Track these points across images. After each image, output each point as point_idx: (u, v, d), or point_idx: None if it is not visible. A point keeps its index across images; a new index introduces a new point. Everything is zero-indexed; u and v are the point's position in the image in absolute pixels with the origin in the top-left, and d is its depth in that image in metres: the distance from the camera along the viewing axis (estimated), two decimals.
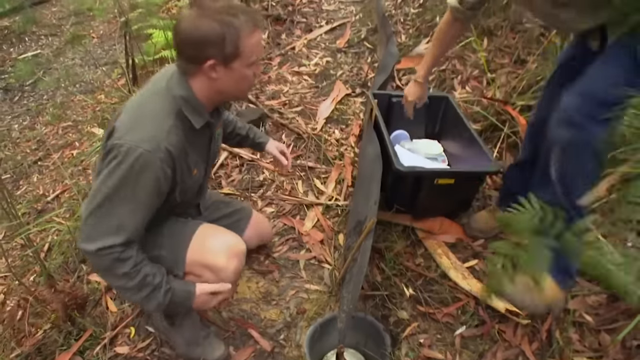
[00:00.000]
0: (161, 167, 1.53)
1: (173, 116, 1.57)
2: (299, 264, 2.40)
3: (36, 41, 6.72)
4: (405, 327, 2.10)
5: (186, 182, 1.72)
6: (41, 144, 4.89)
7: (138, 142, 1.49)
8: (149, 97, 1.62)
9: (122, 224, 1.54)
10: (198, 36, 1.48)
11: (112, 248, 1.53)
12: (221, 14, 1.48)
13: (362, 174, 2.48)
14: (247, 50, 1.54)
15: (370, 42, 4.05)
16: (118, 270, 1.56)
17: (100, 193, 1.53)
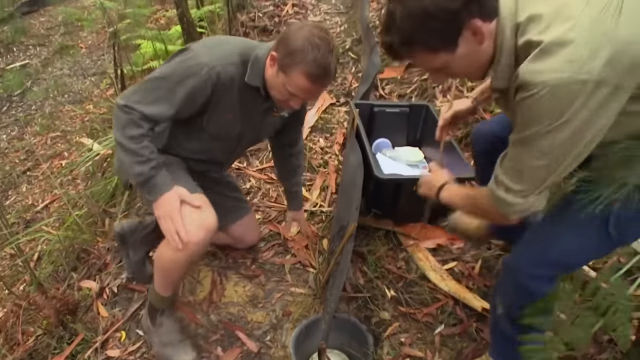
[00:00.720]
0: (205, 81, 1.76)
1: (241, 60, 1.83)
2: (284, 268, 2.48)
3: (24, 51, 6.76)
4: (387, 327, 2.18)
5: (218, 117, 1.92)
6: (30, 154, 4.93)
7: (201, 54, 1.76)
8: (234, 38, 1.95)
9: (154, 100, 1.76)
10: (286, 35, 1.74)
11: (134, 110, 1.74)
12: (312, 42, 1.67)
13: (345, 181, 2.57)
14: (292, 78, 1.73)
15: (354, 52, 4.15)
16: (129, 131, 1.75)
17: (155, 72, 1.82)
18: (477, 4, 1.16)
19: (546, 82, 1.07)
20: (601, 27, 1.07)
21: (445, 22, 1.17)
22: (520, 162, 1.22)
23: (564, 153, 1.15)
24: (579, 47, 1.06)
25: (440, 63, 1.27)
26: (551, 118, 1.10)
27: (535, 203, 1.29)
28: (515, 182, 1.26)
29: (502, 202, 1.32)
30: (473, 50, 1.23)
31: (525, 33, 1.16)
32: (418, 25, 1.19)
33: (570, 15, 1.10)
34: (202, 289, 2.39)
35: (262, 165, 3.12)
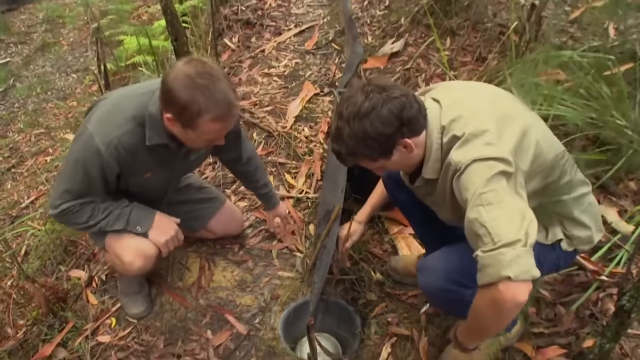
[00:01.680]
0: (107, 161, 1.76)
1: (136, 124, 1.77)
2: (271, 254, 2.51)
3: (5, 49, 6.68)
4: (374, 308, 2.22)
5: (136, 180, 1.92)
6: (14, 151, 4.88)
7: (95, 134, 1.74)
8: (130, 96, 1.83)
9: (79, 193, 1.84)
10: (169, 93, 1.63)
11: (69, 209, 1.84)
12: (196, 89, 1.59)
13: (330, 167, 2.60)
14: (202, 130, 1.68)
15: (337, 43, 4.18)
16: (81, 219, 1.87)
17: (63, 169, 1.86)
18: (407, 126, 1.45)
19: (472, 159, 1.35)
20: (499, 110, 1.47)
21: (381, 142, 1.46)
22: (488, 219, 1.28)
23: (508, 198, 1.31)
24: (491, 132, 1.38)
25: (379, 165, 1.56)
26: (481, 180, 1.32)
27: (530, 260, 1.26)
28: (502, 234, 1.26)
29: (507, 264, 1.24)
30: (405, 157, 1.52)
31: (449, 131, 1.45)
32: (360, 144, 1.46)
33: (481, 112, 1.45)
34: (190, 275, 2.41)
35: None
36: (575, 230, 1.65)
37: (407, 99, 1.44)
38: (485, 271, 1.27)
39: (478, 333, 1.57)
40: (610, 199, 2.42)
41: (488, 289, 1.28)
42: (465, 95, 1.56)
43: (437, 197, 1.61)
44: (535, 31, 3.20)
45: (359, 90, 1.46)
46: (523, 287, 1.24)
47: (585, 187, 1.68)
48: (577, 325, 2.00)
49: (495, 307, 1.30)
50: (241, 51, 4.33)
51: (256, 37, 4.46)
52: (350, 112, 1.44)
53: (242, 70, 4.03)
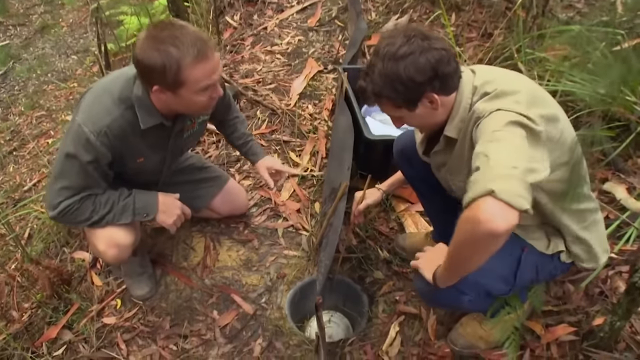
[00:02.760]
0: (100, 148, 1.71)
1: (124, 107, 1.73)
2: (277, 232, 2.48)
3: (4, 32, 6.62)
4: (381, 286, 2.20)
5: (128, 165, 1.88)
6: (15, 134, 4.86)
7: (84, 121, 1.69)
8: (113, 82, 1.77)
9: (81, 187, 1.78)
10: (143, 64, 1.58)
11: (69, 206, 1.79)
12: (164, 43, 1.54)
13: (335, 144, 2.56)
14: (190, 80, 1.60)
15: (340, 20, 4.11)
16: (83, 216, 1.83)
17: (56, 165, 1.80)
18: (440, 81, 1.42)
19: (498, 108, 1.33)
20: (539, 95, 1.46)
21: (409, 89, 1.42)
22: (493, 150, 1.23)
23: (523, 141, 1.26)
24: (523, 96, 1.35)
25: (400, 115, 1.52)
26: (500, 122, 1.29)
27: (522, 188, 1.15)
28: (500, 159, 1.21)
29: (494, 177, 1.16)
30: (428, 113, 1.49)
31: (481, 90, 1.44)
32: (388, 85, 1.43)
33: (516, 83, 1.44)
34: (195, 255, 2.39)
35: (252, 132, 3.09)
36: (575, 247, 1.61)
37: (447, 54, 1.41)
38: (470, 189, 1.19)
39: (452, 266, 1.39)
40: (619, 176, 2.38)
41: (469, 207, 1.17)
42: (503, 72, 1.54)
43: (453, 161, 1.58)
44: (542, 6, 3.15)
45: (402, 33, 1.42)
46: (504, 213, 1.11)
47: (592, 203, 1.63)
48: (586, 304, 1.98)
49: (470, 227, 1.17)
50: (243, 29, 4.26)
51: (258, 15, 4.39)
52: (387, 51, 1.41)
53: (245, 48, 3.97)
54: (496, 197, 1.11)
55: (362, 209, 2.09)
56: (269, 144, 3.00)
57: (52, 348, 2.16)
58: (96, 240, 1.93)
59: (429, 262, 1.53)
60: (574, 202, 1.53)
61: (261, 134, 3.07)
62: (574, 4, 3.68)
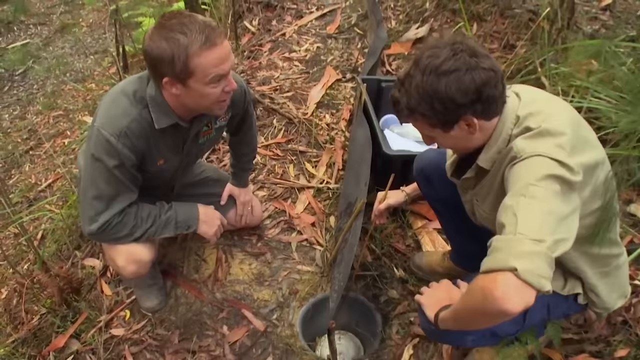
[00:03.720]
0: (122, 151, 1.67)
1: (141, 107, 1.69)
2: (290, 246, 2.44)
3: (25, 30, 6.67)
4: (396, 306, 2.15)
5: (148, 168, 1.83)
6: (32, 133, 4.87)
7: (103, 125, 1.65)
8: (128, 84, 1.73)
9: (111, 198, 1.75)
10: (152, 55, 1.54)
11: (108, 222, 1.75)
12: (172, 31, 1.50)
13: (353, 157, 2.51)
14: (200, 69, 1.54)
15: (360, 27, 4.06)
16: (122, 232, 1.81)
17: (86, 176, 1.76)
18: (482, 105, 1.29)
19: (538, 153, 1.21)
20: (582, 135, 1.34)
21: (448, 109, 1.29)
22: (523, 209, 1.14)
23: (555, 201, 1.16)
24: (567, 139, 1.24)
25: (433, 135, 1.41)
26: (537, 174, 1.18)
27: (547, 268, 1.08)
28: (529, 229, 1.12)
29: (519, 255, 1.07)
30: (463, 137, 1.37)
31: (524, 122, 1.31)
32: (425, 101, 1.30)
33: (563, 117, 1.31)
34: (207, 267, 2.35)
35: (268, 141, 3.05)
36: (592, 294, 1.52)
37: (495, 76, 1.27)
38: (492, 256, 1.11)
39: (456, 320, 1.33)
40: None
41: (486, 276, 1.11)
42: (549, 98, 1.42)
43: (482, 189, 1.49)
44: (568, 19, 3.07)
45: (448, 45, 1.29)
46: (522, 293, 1.05)
47: (617, 248, 1.53)
48: (608, 332, 1.91)
49: (482, 298, 1.10)
50: (261, 34, 4.23)
51: (277, 20, 4.36)
52: (429, 63, 1.27)
53: (263, 54, 3.94)
54: (518, 276, 1.04)
55: (383, 208, 2.02)
56: (285, 154, 2.95)
57: (59, 357, 2.13)
58: (115, 255, 1.90)
59: (433, 300, 1.46)
60: (598, 247, 1.45)
61: (277, 144, 3.02)
62: (599, 15, 3.60)
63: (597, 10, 3.62)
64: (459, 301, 1.27)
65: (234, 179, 2.34)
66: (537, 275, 1.04)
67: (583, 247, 1.42)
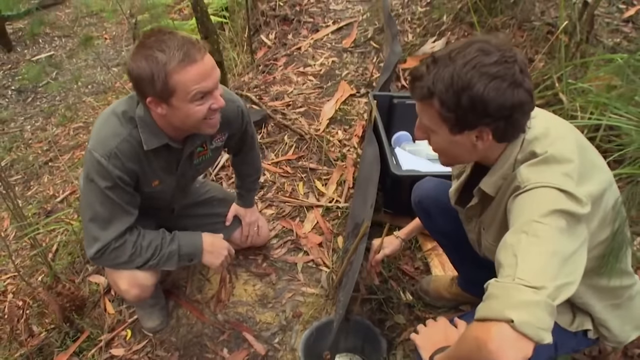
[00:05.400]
0: (112, 171, 1.64)
1: (131, 127, 1.66)
2: (296, 267, 2.39)
3: (50, 43, 6.80)
4: (401, 332, 2.08)
5: (144, 189, 1.80)
6: (52, 144, 4.93)
7: (94, 146, 1.64)
8: (119, 105, 1.71)
9: (108, 220, 1.72)
10: (133, 75, 1.52)
11: (105, 245, 1.73)
12: (151, 49, 1.47)
13: (361, 177, 2.46)
14: (180, 87, 1.50)
15: (376, 41, 4.02)
16: (123, 257, 1.78)
17: (82, 200, 1.76)
18: (505, 125, 1.20)
19: (544, 184, 1.14)
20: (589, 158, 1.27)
21: (471, 109, 1.19)
22: (524, 250, 1.06)
23: (560, 240, 1.08)
24: (575, 167, 1.17)
25: (435, 129, 1.29)
26: (541, 209, 1.10)
27: (546, 318, 1.00)
28: (530, 274, 1.04)
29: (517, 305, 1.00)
30: (464, 147, 1.28)
31: (529, 147, 1.24)
32: (455, 90, 1.18)
33: (570, 141, 1.24)
34: (210, 287, 2.32)
35: (278, 158, 3.02)
36: (603, 329, 1.43)
37: (530, 101, 1.20)
38: (487, 303, 1.04)
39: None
40: None
41: (480, 325, 1.03)
42: (553, 119, 1.34)
43: (487, 217, 1.41)
44: (587, 32, 2.98)
45: (501, 49, 1.18)
46: (518, 346, 0.97)
47: (629, 279, 1.43)
48: None
49: (475, 348, 1.02)
50: (277, 48, 4.22)
51: (293, 34, 4.34)
52: (476, 57, 1.16)
53: (277, 69, 3.92)
54: (514, 328, 0.97)
55: (379, 259, 1.98)
56: (295, 171, 2.91)
57: None
58: (118, 279, 1.88)
59: (428, 342, 1.36)
60: (607, 279, 1.36)
61: (287, 160, 2.99)
62: (620, 27, 3.50)
63: (618, 22, 3.52)
64: (453, 347, 1.19)
65: (239, 199, 2.31)
66: (536, 327, 0.97)
67: (591, 280, 1.34)
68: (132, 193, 1.76)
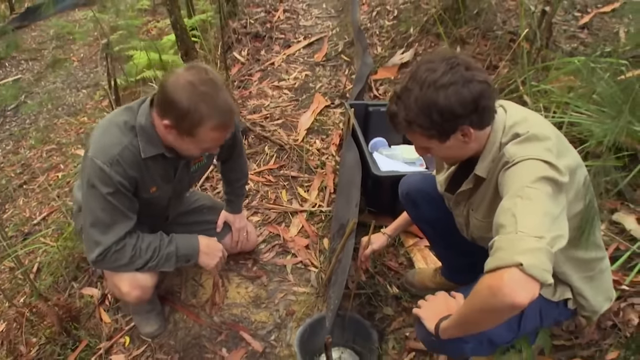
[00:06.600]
0: (114, 177, 1.72)
1: (132, 135, 1.75)
2: (286, 269, 2.48)
3: (16, 66, 6.74)
4: (391, 322, 2.19)
5: (142, 195, 1.88)
6: (26, 167, 4.90)
7: (96, 154, 1.71)
8: (119, 114, 1.80)
9: (109, 226, 1.79)
10: (169, 99, 1.61)
11: (107, 249, 1.79)
12: (201, 94, 1.58)
13: (343, 180, 2.58)
14: (202, 138, 1.66)
15: (347, 54, 4.17)
16: (123, 260, 1.84)
17: (84, 207, 1.81)
18: (477, 116, 1.36)
19: (529, 156, 1.29)
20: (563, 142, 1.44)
21: (446, 120, 1.35)
22: (521, 210, 1.20)
23: (548, 202, 1.23)
24: (553, 143, 1.33)
25: (429, 145, 1.46)
26: (530, 176, 1.25)
27: (548, 262, 1.14)
28: (529, 226, 1.18)
29: (523, 251, 1.12)
30: (458, 147, 1.44)
31: (512, 130, 1.40)
32: (424, 113, 1.35)
33: (547, 126, 1.42)
34: (204, 292, 2.39)
35: (260, 168, 3.12)
36: (581, 298, 1.58)
37: (489, 88, 1.35)
38: (496, 255, 1.16)
39: (461, 325, 1.36)
40: (628, 205, 2.38)
41: (492, 274, 1.15)
42: (530, 112, 1.50)
43: (476, 198, 1.56)
44: (546, 38, 3.19)
45: (444, 60, 1.35)
46: (528, 286, 1.10)
47: (600, 252, 1.61)
48: (599, 337, 1.95)
49: (490, 295, 1.14)
50: (251, 64, 4.33)
51: (265, 50, 4.47)
52: (427, 77, 1.33)
53: (252, 84, 4.03)
54: (523, 271, 1.10)
55: (368, 254, 2.10)
56: (277, 180, 3.02)
57: None
58: (119, 282, 1.94)
59: (431, 312, 1.51)
60: (583, 250, 1.52)
61: (269, 170, 3.09)
62: (577, 34, 3.72)
63: (575, 29, 3.75)
64: (463, 305, 1.31)
65: (228, 206, 2.40)
66: (541, 269, 1.10)
67: (569, 252, 1.49)
68: (132, 199, 1.84)
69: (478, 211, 1.57)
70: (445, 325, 1.41)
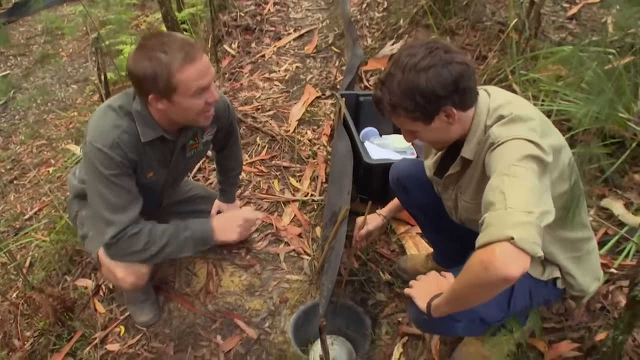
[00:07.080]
0: (115, 159, 1.73)
1: (129, 119, 1.77)
2: (279, 257, 2.50)
3: (4, 62, 6.69)
4: (384, 308, 2.22)
5: (140, 180, 1.89)
6: (16, 163, 4.88)
7: (95, 138, 1.72)
8: (115, 100, 1.82)
9: (124, 205, 1.80)
10: (136, 75, 1.64)
11: (123, 230, 1.80)
12: (153, 51, 1.60)
13: (335, 170, 2.60)
14: (182, 84, 1.64)
15: (337, 46, 4.19)
16: (137, 246, 1.84)
17: (90, 189, 1.80)
18: (459, 96, 1.40)
19: (514, 136, 1.33)
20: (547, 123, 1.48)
21: (429, 102, 1.40)
22: (509, 187, 1.23)
23: (535, 179, 1.26)
24: (537, 124, 1.38)
25: (415, 128, 1.50)
26: (516, 155, 1.29)
27: (537, 236, 1.16)
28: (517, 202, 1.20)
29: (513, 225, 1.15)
30: (443, 128, 1.48)
31: (496, 112, 1.44)
32: (407, 96, 1.40)
33: (530, 107, 1.47)
34: (197, 281, 2.40)
35: (252, 158, 3.14)
36: (569, 277, 1.61)
37: (468, 69, 1.40)
38: (487, 231, 1.19)
39: (454, 301, 1.38)
40: (616, 191, 2.42)
41: (483, 250, 1.18)
42: (513, 95, 1.54)
43: (464, 180, 1.59)
44: (535, 28, 3.22)
45: (424, 45, 1.41)
46: (519, 259, 1.13)
47: (587, 231, 1.64)
48: (588, 319, 1.99)
49: (482, 270, 1.17)
50: (241, 57, 4.33)
51: (256, 43, 4.47)
52: (408, 62, 1.39)
53: (243, 76, 4.04)
54: (515, 244, 1.12)
55: (363, 234, 2.11)
56: (269, 170, 3.03)
57: None
58: (114, 268, 1.94)
59: (422, 291, 1.54)
60: (570, 230, 1.55)
61: (261, 160, 3.11)
62: (565, 24, 3.75)
63: (563, 19, 3.78)
64: (455, 282, 1.34)
65: (222, 195, 2.42)
66: (531, 242, 1.13)
67: (556, 232, 1.52)
68: (134, 182, 1.85)
69: (466, 193, 1.60)
70: (437, 302, 1.44)
